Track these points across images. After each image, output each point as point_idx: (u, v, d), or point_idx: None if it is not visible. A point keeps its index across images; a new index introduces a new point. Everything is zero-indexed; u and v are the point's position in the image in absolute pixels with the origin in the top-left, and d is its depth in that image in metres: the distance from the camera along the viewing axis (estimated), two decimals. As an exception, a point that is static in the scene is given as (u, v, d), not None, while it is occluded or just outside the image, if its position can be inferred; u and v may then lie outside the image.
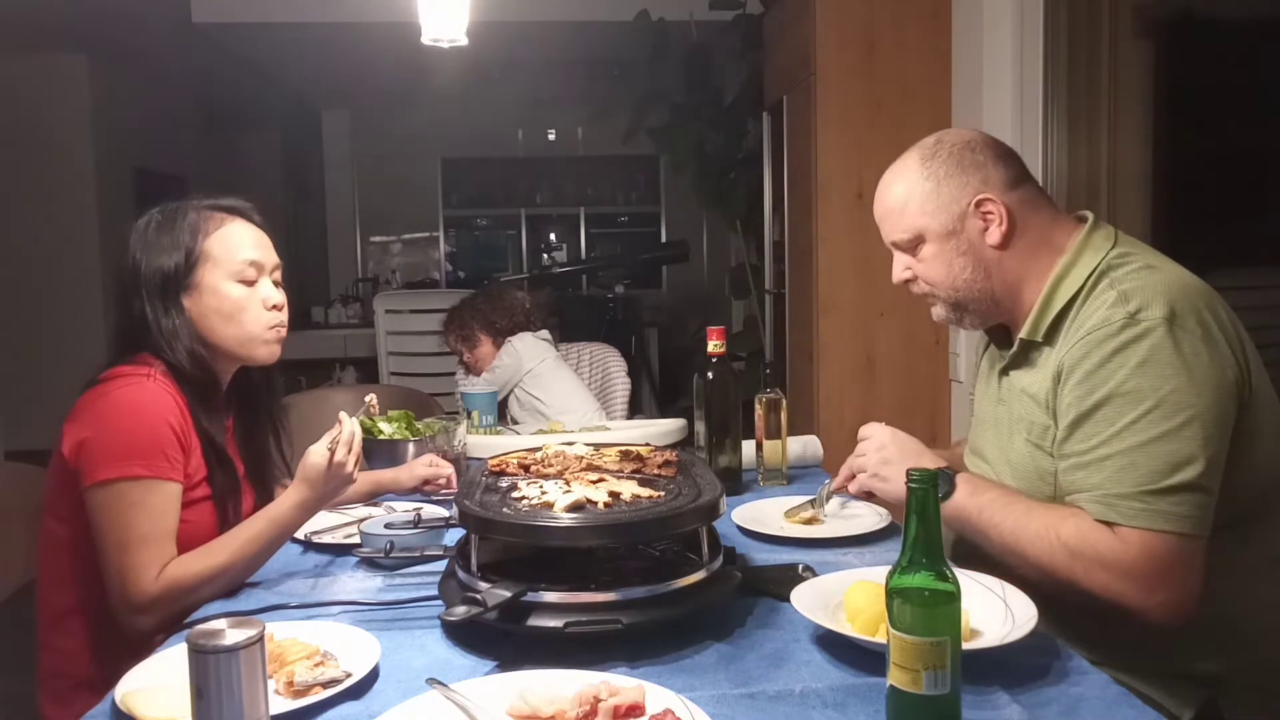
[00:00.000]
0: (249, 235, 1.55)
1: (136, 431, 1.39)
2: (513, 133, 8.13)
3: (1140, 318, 1.21)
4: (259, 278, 1.54)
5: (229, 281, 1.51)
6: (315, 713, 0.98)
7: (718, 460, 1.84)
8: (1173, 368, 1.18)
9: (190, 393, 1.49)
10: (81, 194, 6.17)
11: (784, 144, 3.70)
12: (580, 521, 1.15)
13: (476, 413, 2.45)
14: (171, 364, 1.48)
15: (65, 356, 5.96)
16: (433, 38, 2.24)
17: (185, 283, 1.50)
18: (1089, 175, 2.70)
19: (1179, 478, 1.16)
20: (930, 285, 1.41)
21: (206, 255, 1.50)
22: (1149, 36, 2.73)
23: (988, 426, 1.48)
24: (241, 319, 1.52)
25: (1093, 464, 1.22)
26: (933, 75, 3.16)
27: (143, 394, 1.42)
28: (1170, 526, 1.16)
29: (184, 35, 5.31)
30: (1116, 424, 1.20)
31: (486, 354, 3.13)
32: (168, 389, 1.45)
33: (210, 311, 1.51)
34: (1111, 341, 1.21)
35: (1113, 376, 1.20)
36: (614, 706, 0.92)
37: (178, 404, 1.46)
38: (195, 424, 1.48)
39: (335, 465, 1.41)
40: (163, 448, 1.40)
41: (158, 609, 1.36)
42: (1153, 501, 1.17)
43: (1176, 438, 1.17)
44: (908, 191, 1.38)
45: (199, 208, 1.55)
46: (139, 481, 1.37)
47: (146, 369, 1.46)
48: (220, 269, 1.51)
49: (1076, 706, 0.96)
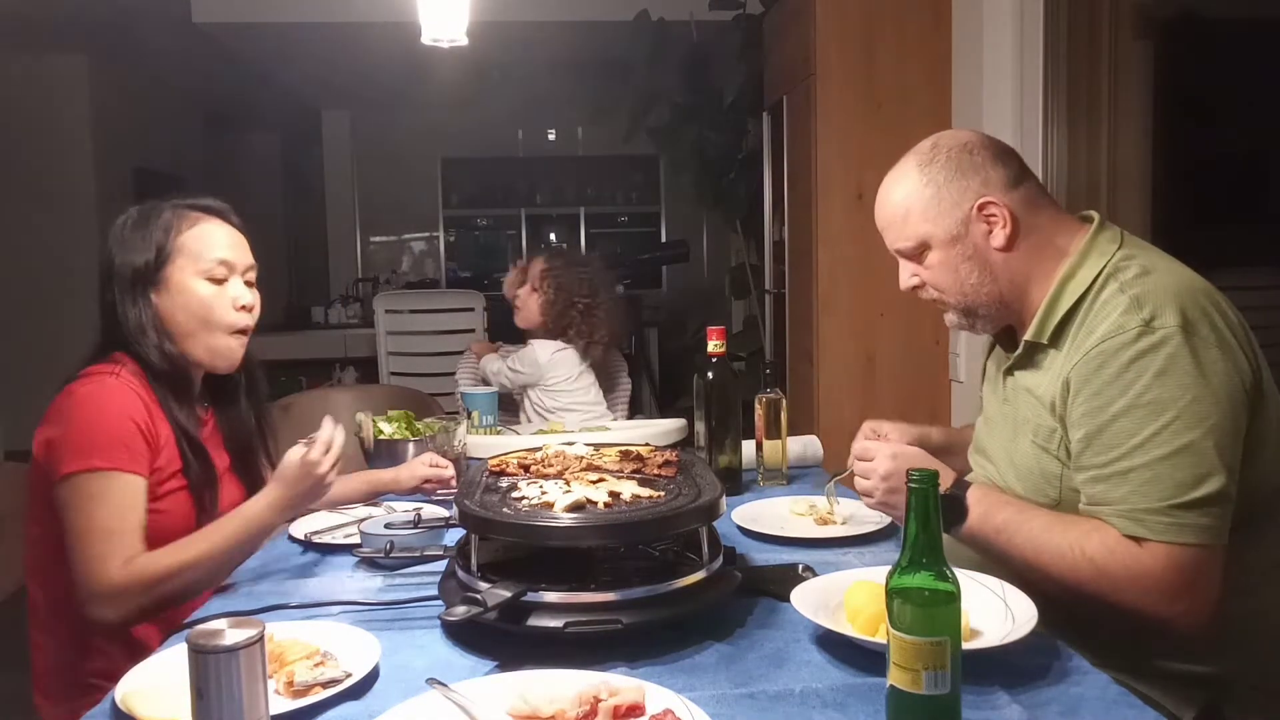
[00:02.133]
0: (222, 234, 1.57)
1: (95, 426, 1.41)
2: (513, 133, 8.14)
3: (1155, 325, 1.19)
4: (229, 276, 1.56)
5: (198, 279, 1.53)
6: (315, 713, 0.98)
7: (718, 460, 1.84)
8: (1191, 377, 1.17)
9: (161, 387, 1.50)
10: (81, 194, 6.17)
11: (784, 144, 3.70)
12: (580, 521, 1.15)
13: (476, 413, 2.44)
14: (142, 360, 1.50)
15: (65, 357, 5.92)
16: (433, 38, 2.24)
17: (155, 278, 1.52)
18: (1089, 175, 2.70)
19: (1204, 490, 1.16)
20: (939, 292, 1.40)
21: (178, 251, 1.52)
22: (1149, 36, 2.73)
23: (993, 427, 1.48)
24: (207, 317, 1.53)
25: (1115, 477, 1.20)
26: (933, 75, 3.16)
27: (103, 390, 1.44)
28: (1197, 539, 1.16)
29: (184, 35, 5.30)
30: (1138, 436, 1.19)
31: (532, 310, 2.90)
32: (133, 385, 1.47)
33: (177, 308, 1.52)
34: (1127, 351, 1.20)
35: (1131, 387, 1.19)
36: (614, 706, 0.92)
37: (143, 399, 1.47)
38: (168, 416, 1.50)
39: (307, 464, 1.42)
40: (124, 441, 1.42)
41: (122, 601, 1.36)
42: (1180, 515, 1.16)
43: (1199, 449, 1.16)
44: (908, 199, 1.37)
45: (175, 206, 1.57)
46: (98, 474, 1.39)
47: (113, 367, 1.48)
48: (190, 266, 1.53)
49: (1076, 706, 0.96)
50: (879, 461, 1.39)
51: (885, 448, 1.41)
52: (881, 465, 1.39)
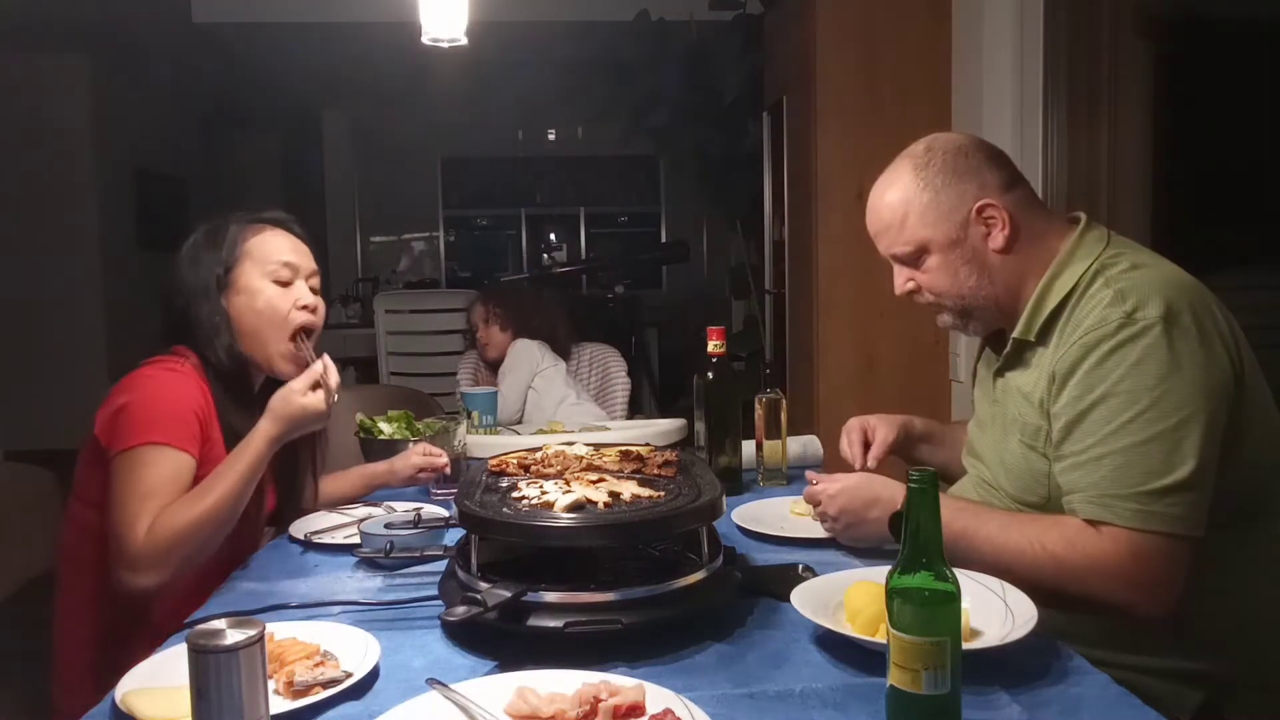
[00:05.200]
0: (286, 241, 1.66)
1: (157, 405, 1.48)
2: (513, 133, 8.14)
3: (1137, 317, 1.21)
4: (294, 279, 1.64)
5: (264, 280, 1.61)
6: (315, 713, 0.98)
7: (718, 460, 1.84)
8: (1167, 367, 1.18)
9: (220, 387, 1.58)
10: (81, 194, 6.18)
11: (784, 144, 3.70)
12: (580, 521, 1.15)
13: (476, 413, 2.45)
14: (206, 359, 1.57)
15: (65, 357, 5.98)
16: (433, 38, 2.24)
17: (225, 281, 1.60)
18: (1089, 175, 2.70)
19: (1173, 478, 1.17)
20: (936, 295, 1.40)
21: (244, 256, 1.62)
22: (1149, 36, 2.73)
23: (984, 428, 1.48)
24: (273, 316, 1.60)
25: (1089, 463, 1.22)
26: (933, 75, 3.16)
27: (170, 376, 1.53)
28: (1162, 527, 1.17)
29: (184, 35, 5.31)
30: (1112, 423, 1.20)
31: (501, 342, 3.16)
32: (195, 379, 1.55)
33: (245, 309, 1.60)
34: (1109, 341, 1.21)
35: (1108, 376, 1.21)
36: (614, 706, 0.92)
37: (203, 393, 1.54)
38: (220, 416, 1.56)
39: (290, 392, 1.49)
40: (182, 420, 1.49)
41: (152, 564, 1.39)
42: (1147, 503, 1.17)
43: (1171, 438, 1.17)
44: (905, 203, 1.36)
45: (240, 220, 1.66)
46: (154, 447, 1.45)
47: (178, 360, 1.56)
48: (257, 269, 1.62)
49: (1076, 706, 0.96)
50: (826, 505, 1.42)
51: (831, 487, 1.42)
52: (831, 508, 1.42)
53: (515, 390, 2.99)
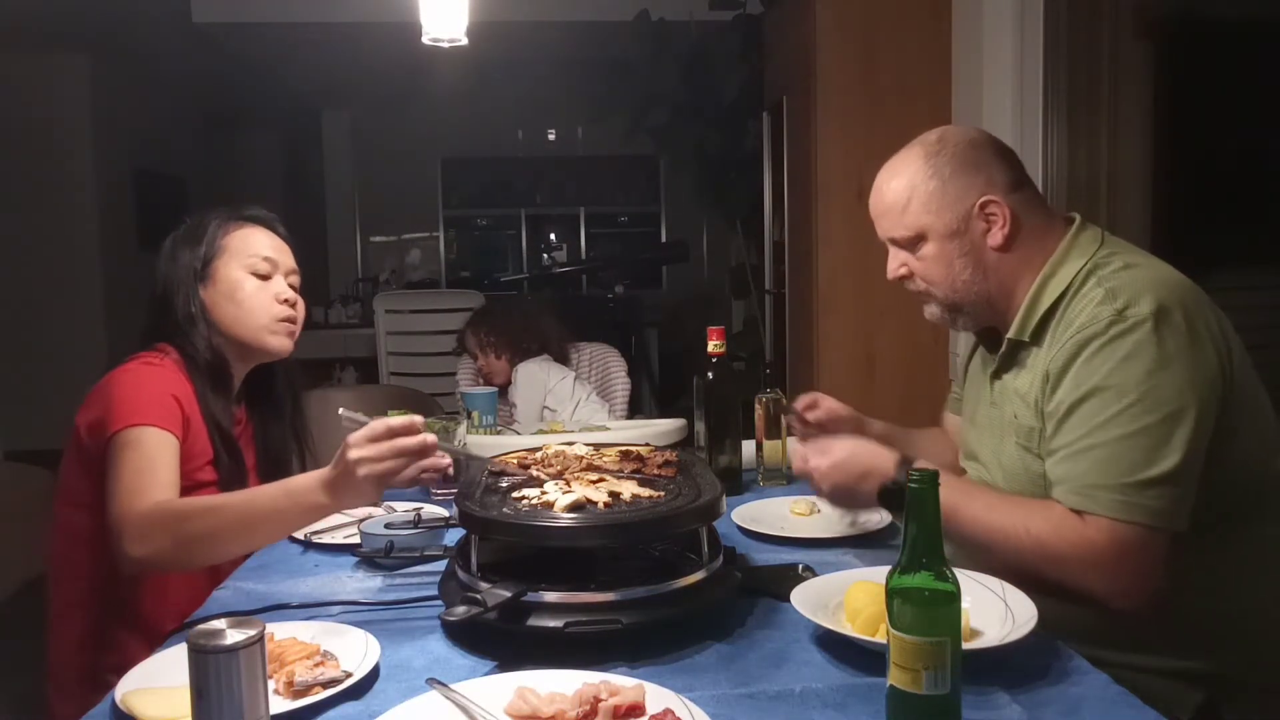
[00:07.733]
0: (266, 238, 1.66)
1: (138, 393, 1.48)
2: (513, 133, 8.13)
3: (1128, 314, 1.21)
4: (273, 274, 1.64)
5: (242, 271, 1.61)
6: (315, 713, 0.98)
7: (718, 460, 1.84)
8: (1156, 363, 1.19)
9: (201, 380, 1.57)
10: (81, 194, 6.18)
11: (784, 144, 3.70)
12: (580, 521, 1.15)
13: (476, 413, 2.44)
14: (186, 353, 1.57)
15: (65, 356, 5.97)
16: (433, 38, 2.23)
17: (204, 273, 1.60)
18: (1089, 175, 2.70)
19: (1158, 471, 1.17)
20: (928, 284, 1.40)
21: (224, 249, 1.62)
22: (1149, 36, 2.73)
23: (982, 430, 1.48)
24: (251, 305, 1.60)
25: (1077, 455, 1.23)
26: (933, 75, 3.16)
27: (148, 369, 1.53)
28: (1143, 519, 1.17)
29: (184, 35, 5.31)
30: (1100, 416, 1.21)
31: (501, 369, 3.13)
32: (174, 373, 1.54)
33: (223, 298, 1.60)
34: (1100, 338, 1.22)
35: (1098, 371, 1.21)
36: (614, 706, 0.92)
37: (183, 384, 1.54)
38: (202, 407, 1.56)
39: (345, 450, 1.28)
40: (162, 403, 1.48)
41: (148, 534, 1.34)
42: (1131, 494, 1.18)
43: (1158, 432, 1.18)
44: (911, 188, 1.37)
45: (222, 216, 1.66)
46: (137, 428, 1.45)
47: (158, 355, 1.56)
48: (235, 261, 1.62)
49: (1076, 706, 0.96)
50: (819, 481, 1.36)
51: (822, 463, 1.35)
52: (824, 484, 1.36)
53: (529, 415, 2.98)
